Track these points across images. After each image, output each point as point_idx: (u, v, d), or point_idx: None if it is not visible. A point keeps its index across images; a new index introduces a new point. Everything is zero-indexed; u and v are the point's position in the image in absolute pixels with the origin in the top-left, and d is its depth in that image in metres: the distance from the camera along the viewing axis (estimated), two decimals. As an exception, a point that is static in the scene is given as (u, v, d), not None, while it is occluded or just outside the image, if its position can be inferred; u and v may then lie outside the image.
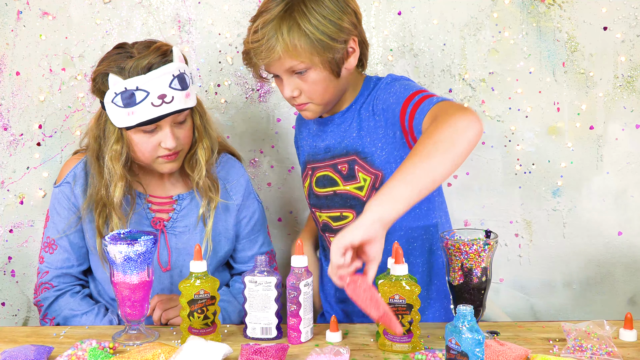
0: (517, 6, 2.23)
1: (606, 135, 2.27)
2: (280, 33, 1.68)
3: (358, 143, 1.81)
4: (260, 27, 1.70)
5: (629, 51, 2.24)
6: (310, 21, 1.68)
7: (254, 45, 1.72)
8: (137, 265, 1.61)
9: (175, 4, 2.21)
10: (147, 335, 1.66)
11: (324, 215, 1.90)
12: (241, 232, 1.95)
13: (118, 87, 1.71)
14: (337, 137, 1.84)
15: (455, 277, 1.59)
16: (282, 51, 1.68)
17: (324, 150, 1.86)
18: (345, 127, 1.84)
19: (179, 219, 1.88)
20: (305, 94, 1.76)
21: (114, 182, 1.77)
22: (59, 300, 1.85)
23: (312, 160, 1.90)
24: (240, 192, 1.94)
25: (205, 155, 1.84)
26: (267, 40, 1.69)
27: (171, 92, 1.72)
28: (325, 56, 1.70)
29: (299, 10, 1.68)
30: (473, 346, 1.36)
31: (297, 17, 1.68)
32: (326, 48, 1.69)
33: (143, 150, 1.77)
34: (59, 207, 1.87)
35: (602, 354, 1.53)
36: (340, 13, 1.71)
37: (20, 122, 2.24)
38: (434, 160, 1.44)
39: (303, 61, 1.70)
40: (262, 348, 1.51)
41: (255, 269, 1.64)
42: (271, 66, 1.74)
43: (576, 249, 2.32)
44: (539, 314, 2.35)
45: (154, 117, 1.71)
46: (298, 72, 1.72)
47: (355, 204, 1.83)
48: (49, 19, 2.20)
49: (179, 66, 1.75)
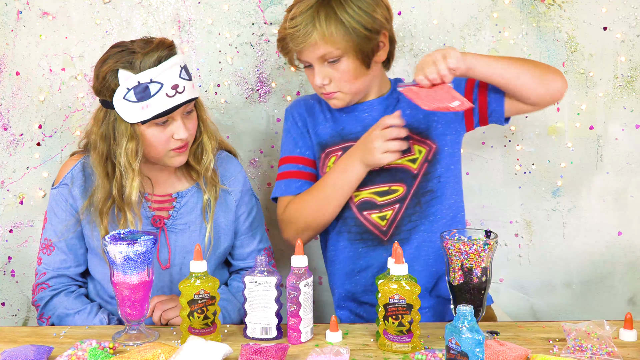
0: (517, 6, 2.23)
1: (606, 135, 2.27)
2: (317, 19, 1.78)
3: (411, 120, 1.87)
4: (298, 14, 1.80)
5: (629, 51, 2.24)
6: (346, 10, 1.78)
7: (290, 30, 1.81)
8: (137, 265, 1.61)
9: (175, 4, 2.21)
10: (147, 335, 1.66)
11: (364, 192, 1.89)
12: (239, 228, 1.96)
13: (130, 82, 1.72)
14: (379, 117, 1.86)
15: (455, 277, 1.59)
16: (318, 37, 1.78)
17: (364, 131, 1.86)
18: (388, 112, 1.88)
19: (178, 217, 1.88)
20: (335, 83, 1.83)
21: (130, 180, 1.78)
22: (53, 299, 1.85)
23: (340, 142, 1.91)
24: (238, 187, 1.95)
25: (211, 144, 1.87)
26: (305, 25, 1.79)
27: (182, 82, 1.75)
28: (358, 45, 1.79)
29: (336, 0, 1.78)
30: (473, 346, 1.36)
31: (334, 5, 1.78)
32: (360, 37, 1.79)
33: (156, 144, 1.78)
34: (57, 208, 1.87)
35: (602, 354, 1.53)
36: (374, 5, 1.81)
37: (20, 122, 2.24)
38: (525, 67, 1.78)
39: (338, 48, 1.78)
40: (262, 348, 1.51)
41: (255, 269, 1.64)
42: (305, 53, 1.82)
43: (576, 249, 2.32)
44: (539, 314, 2.35)
45: (169, 107, 1.74)
46: (331, 60, 1.81)
47: (405, 176, 1.87)
48: (49, 19, 2.20)
49: (183, 58, 1.80)
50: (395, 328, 1.57)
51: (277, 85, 2.25)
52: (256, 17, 2.22)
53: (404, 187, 1.88)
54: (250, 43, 2.23)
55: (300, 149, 1.95)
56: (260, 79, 2.25)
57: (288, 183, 1.94)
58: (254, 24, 2.23)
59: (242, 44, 2.24)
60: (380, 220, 1.89)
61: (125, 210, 1.79)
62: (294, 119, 1.98)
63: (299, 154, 1.95)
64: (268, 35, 2.23)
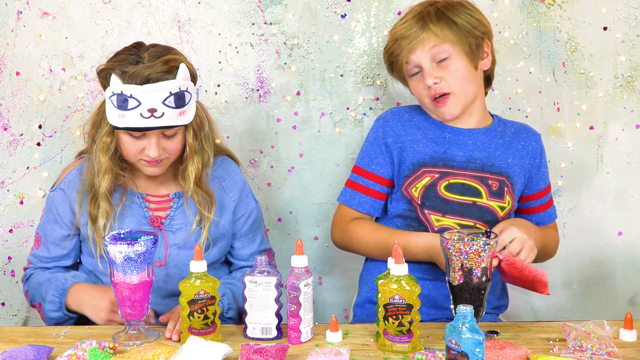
0: (517, 6, 2.23)
1: (606, 135, 2.27)
2: (428, 18, 1.88)
3: (511, 169, 1.95)
4: (410, 17, 1.92)
5: (629, 51, 2.24)
6: (455, 12, 1.89)
7: (402, 30, 1.90)
8: (137, 265, 1.61)
9: (175, 4, 2.21)
10: (147, 335, 1.66)
11: (447, 220, 1.91)
12: (238, 230, 1.96)
13: (116, 88, 1.74)
14: (484, 153, 1.93)
15: (455, 277, 1.59)
16: (430, 34, 1.87)
17: (467, 160, 1.92)
18: (492, 147, 1.95)
19: (176, 217, 1.89)
20: (447, 82, 1.88)
21: (101, 173, 1.82)
22: (31, 276, 1.92)
23: (440, 165, 1.92)
24: (236, 190, 1.95)
25: (194, 172, 1.85)
26: (416, 22, 1.89)
27: (163, 108, 1.74)
28: (467, 44, 1.88)
29: (445, 6, 1.91)
30: (473, 346, 1.36)
31: (443, 9, 1.90)
32: (469, 33, 1.88)
33: (127, 151, 1.81)
34: (49, 212, 1.91)
35: (602, 354, 1.53)
36: (480, 13, 1.94)
37: (20, 122, 2.24)
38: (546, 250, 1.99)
39: (449, 44, 1.87)
40: (262, 348, 1.51)
41: (255, 269, 1.64)
42: (416, 51, 1.88)
43: (576, 249, 2.32)
44: (539, 314, 2.35)
45: (140, 126, 1.74)
46: (441, 59, 1.87)
47: (491, 220, 1.91)
48: (49, 19, 2.20)
49: (181, 84, 1.76)
50: (395, 328, 1.57)
51: (277, 85, 2.25)
52: (256, 17, 2.22)
53: (487, 229, 1.87)
54: (250, 43, 2.23)
55: (377, 166, 1.96)
56: (260, 79, 2.25)
57: (353, 195, 1.98)
58: (254, 24, 2.23)
59: (242, 44, 2.24)
60: None
61: (97, 198, 1.83)
62: (385, 133, 1.97)
63: (374, 170, 1.96)
64: (268, 35, 2.23)
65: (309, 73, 2.25)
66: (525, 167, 1.96)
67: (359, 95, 2.26)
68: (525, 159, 1.97)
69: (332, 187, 2.28)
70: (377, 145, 1.97)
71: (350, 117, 2.26)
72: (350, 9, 2.23)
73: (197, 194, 1.86)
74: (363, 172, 1.98)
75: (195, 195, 1.86)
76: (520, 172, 1.95)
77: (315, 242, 2.31)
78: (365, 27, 2.22)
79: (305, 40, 2.23)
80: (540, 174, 2.00)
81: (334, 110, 2.27)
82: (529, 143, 1.98)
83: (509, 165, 1.94)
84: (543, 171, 2.01)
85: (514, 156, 1.96)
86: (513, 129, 2.00)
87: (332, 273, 2.34)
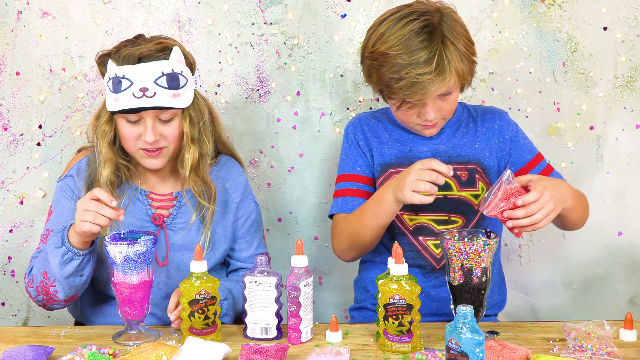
0: (517, 6, 2.23)
1: (606, 135, 2.27)
2: (445, 57, 1.75)
3: (479, 155, 1.92)
4: (422, 59, 1.74)
5: (629, 51, 2.24)
6: (456, 38, 1.78)
7: (426, 77, 1.74)
8: (137, 265, 1.61)
9: (175, 4, 2.21)
10: (147, 335, 1.66)
11: (423, 218, 1.90)
12: (238, 231, 1.95)
13: (111, 72, 1.77)
14: (449, 144, 1.92)
15: (455, 277, 1.59)
16: (444, 80, 1.76)
17: (433, 154, 1.91)
18: (457, 137, 1.94)
19: (178, 216, 1.88)
20: (443, 113, 1.86)
21: (102, 162, 1.82)
22: (33, 265, 1.80)
23: (407, 163, 1.89)
24: (239, 191, 1.95)
25: (191, 160, 1.83)
26: (441, 62, 1.75)
27: (155, 87, 1.75)
28: (469, 73, 1.83)
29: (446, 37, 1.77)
30: (473, 346, 1.36)
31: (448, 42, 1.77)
32: (471, 63, 1.84)
33: (125, 139, 1.81)
34: (62, 199, 1.87)
35: (602, 354, 1.53)
36: (466, 32, 1.84)
37: (20, 122, 2.24)
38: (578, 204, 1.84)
39: (462, 81, 1.83)
40: (262, 348, 1.51)
41: (255, 269, 1.64)
42: (427, 100, 1.79)
43: (576, 249, 2.32)
44: (539, 314, 2.35)
45: (133, 107, 1.75)
46: (446, 93, 1.81)
47: (466, 210, 1.89)
48: (49, 19, 2.20)
49: (175, 66, 1.77)
50: (395, 328, 1.57)
51: (277, 85, 2.25)
52: (256, 17, 2.22)
53: (463, 220, 1.89)
54: (250, 43, 2.23)
55: (361, 167, 1.96)
56: (260, 79, 2.25)
57: (345, 201, 1.95)
58: (254, 24, 2.23)
59: (242, 44, 2.24)
60: (435, 247, 1.90)
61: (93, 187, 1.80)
62: (355, 138, 1.98)
63: (359, 172, 1.96)
64: (268, 35, 2.23)
65: (309, 73, 2.25)
66: (495, 147, 1.93)
67: (359, 95, 2.26)
68: (493, 139, 1.94)
69: (332, 187, 2.27)
70: (354, 149, 1.98)
71: (350, 117, 2.25)
72: (350, 9, 2.23)
73: (196, 184, 1.85)
74: (349, 176, 1.97)
75: (195, 185, 1.85)
76: (491, 155, 1.93)
77: (315, 242, 2.32)
78: (365, 27, 2.22)
79: (305, 40, 2.23)
80: (520, 147, 1.96)
81: (334, 110, 2.27)
82: (494, 123, 1.96)
83: (477, 151, 1.92)
84: (522, 143, 1.97)
85: (480, 140, 1.94)
86: (477, 114, 1.98)
87: (332, 273, 2.34)
